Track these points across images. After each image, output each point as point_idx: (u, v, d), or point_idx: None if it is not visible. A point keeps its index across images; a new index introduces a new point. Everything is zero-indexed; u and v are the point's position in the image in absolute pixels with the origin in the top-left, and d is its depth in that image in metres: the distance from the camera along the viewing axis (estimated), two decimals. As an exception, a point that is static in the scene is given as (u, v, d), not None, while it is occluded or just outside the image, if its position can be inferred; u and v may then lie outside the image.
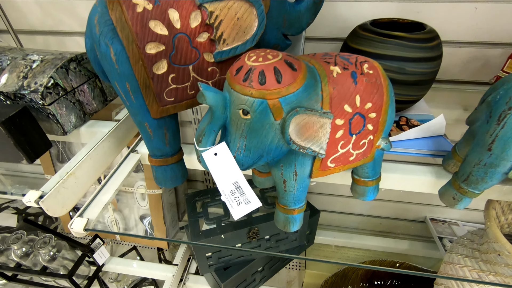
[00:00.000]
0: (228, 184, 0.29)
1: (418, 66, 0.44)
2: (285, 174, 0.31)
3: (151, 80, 0.33)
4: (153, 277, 0.83)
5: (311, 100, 0.27)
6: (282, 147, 0.29)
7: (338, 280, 0.79)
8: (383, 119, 0.31)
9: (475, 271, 0.49)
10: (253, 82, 0.25)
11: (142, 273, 0.83)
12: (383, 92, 0.30)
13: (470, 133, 0.38)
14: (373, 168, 0.36)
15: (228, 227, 0.62)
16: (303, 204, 0.35)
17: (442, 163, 0.45)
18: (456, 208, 0.38)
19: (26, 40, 0.73)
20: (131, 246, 1.04)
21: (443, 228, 0.92)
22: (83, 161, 0.42)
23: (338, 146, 0.30)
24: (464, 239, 0.55)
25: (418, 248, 0.94)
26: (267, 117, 0.26)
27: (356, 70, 0.29)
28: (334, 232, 1.00)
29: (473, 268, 0.49)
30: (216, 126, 0.29)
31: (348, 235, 0.99)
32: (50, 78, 0.43)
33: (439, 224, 0.93)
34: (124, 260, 0.85)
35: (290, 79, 0.25)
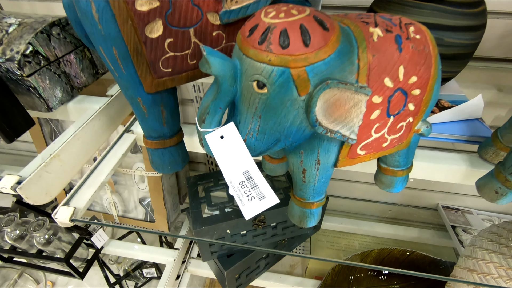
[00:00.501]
0: (237, 174, 0.24)
1: (459, 37, 0.38)
2: (306, 163, 0.26)
3: (144, 45, 0.27)
4: (154, 261, 0.81)
5: (345, 71, 0.21)
6: (305, 130, 0.23)
7: (345, 269, 0.76)
8: (428, 97, 0.25)
9: (502, 268, 0.45)
10: (272, 45, 0.19)
11: (142, 256, 0.80)
12: (431, 63, 0.24)
13: (521, 117, 0.32)
14: (406, 156, 0.30)
15: (232, 214, 0.58)
16: (323, 197, 0.30)
17: (477, 151, 0.39)
18: (497, 203, 0.33)
19: (10, 6, 0.66)
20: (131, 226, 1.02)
21: (456, 217, 0.88)
22: (69, 142, 0.36)
23: (372, 130, 0.25)
24: (489, 233, 0.51)
25: (429, 236, 0.90)
26: (288, 92, 0.20)
27: (401, 34, 0.23)
28: (341, 218, 0.96)
29: (501, 265, 0.45)
30: (223, 102, 0.23)
31: (355, 222, 0.96)
32: (29, 44, 0.37)
33: (452, 212, 0.89)
34: (124, 243, 0.82)
35: (320, 42, 0.20)
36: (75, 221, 0.32)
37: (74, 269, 0.71)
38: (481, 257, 0.48)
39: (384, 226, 0.93)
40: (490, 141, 0.37)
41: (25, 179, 0.31)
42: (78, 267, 0.74)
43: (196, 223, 0.56)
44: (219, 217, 0.58)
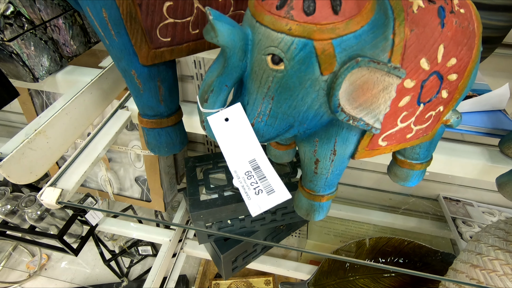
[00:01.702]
0: (243, 163, 0.21)
1: (493, 17, 0.34)
2: (320, 153, 0.23)
3: (139, 8, 0.23)
4: (150, 240, 0.80)
5: (377, 47, 0.18)
6: (323, 116, 0.20)
7: (341, 255, 0.76)
8: (464, 83, 0.22)
9: (508, 266, 0.44)
10: (294, 11, 0.16)
11: (137, 235, 0.79)
12: (474, 44, 0.21)
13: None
14: (427, 149, 0.28)
15: (231, 198, 0.56)
16: (334, 190, 0.27)
17: (499, 145, 0.37)
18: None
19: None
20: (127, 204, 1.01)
21: (456, 208, 0.87)
22: (57, 116, 0.33)
23: (399, 119, 0.22)
24: (496, 229, 0.49)
25: (427, 227, 0.89)
26: (309, 69, 0.17)
27: (445, 6, 0.19)
28: (340, 205, 0.95)
29: (507, 263, 0.44)
30: (230, 79, 0.20)
31: (353, 208, 0.95)
32: (9, 4, 0.32)
33: (453, 204, 0.88)
34: (119, 221, 0.80)
35: (353, 9, 0.16)
36: (62, 203, 0.30)
37: (68, 246, 0.70)
38: (486, 253, 0.47)
39: (382, 214, 0.92)
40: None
41: (5, 156, 0.28)
42: (72, 244, 0.73)
43: (193, 206, 0.54)
44: (217, 201, 0.55)
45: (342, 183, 0.97)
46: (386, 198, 0.97)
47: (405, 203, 0.96)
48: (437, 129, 0.25)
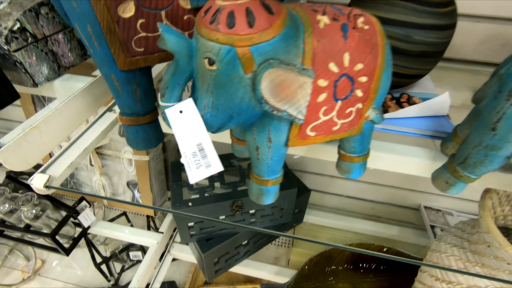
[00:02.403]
0: (191, 146, 0.26)
1: (427, 35, 0.39)
2: (258, 140, 0.28)
3: (116, 25, 0.29)
4: (138, 242, 0.83)
5: (290, 53, 0.23)
6: (255, 108, 0.25)
7: (322, 260, 0.78)
8: (376, 85, 0.27)
9: (461, 261, 0.47)
10: (220, 25, 0.21)
11: (127, 238, 0.83)
12: (378, 53, 0.26)
13: (475, 112, 0.34)
14: (361, 143, 0.32)
15: (211, 198, 0.60)
16: (278, 176, 0.32)
17: (440, 146, 0.41)
18: (448, 193, 0.35)
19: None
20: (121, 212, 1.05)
21: (436, 217, 0.89)
22: (50, 115, 0.39)
23: (320, 112, 0.27)
24: (454, 229, 0.53)
25: (409, 235, 0.92)
26: (235, 69, 0.22)
27: (348, 23, 0.25)
28: (325, 213, 0.98)
29: (460, 258, 0.47)
30: (181, 78, 0.25)
31: (339, 217, 0.98)
32: (16, 21, 0.39)
33: (433, 213, 0.91)
34: (111, 224, 0.84)
35: (265, 24, 0.21)
36: (49, 187, 0.34)
37: (60, 245, 0.74)
38: (444, 251, 0.50)
39: (366, 222, 0.95)
40: (451, 136, 0.39)
41: (3, 145, 0.33)
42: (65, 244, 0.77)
43: (176, 205, 0.59)
44: (198, 200, 0.60)
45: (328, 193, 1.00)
46: (369, 207, 1.00)
47: (388, 212, 0.99)
48: (363, 124, 0.30)
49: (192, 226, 0.63)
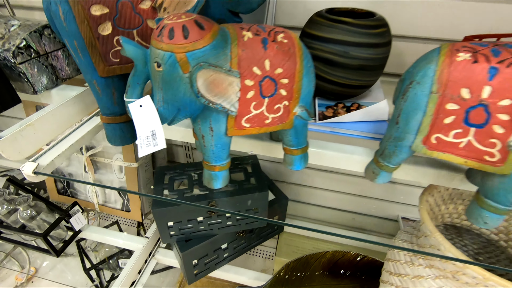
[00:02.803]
0: (146, 132, 0.32)
1: (361, 51, 0.47)
2: (203, 129, 0.34)
3: (97, 40, 0.37)
4: (124, 246, 0.87)
5: (220, 59, 0.30)
6: (196, 102, 0.32)
7: (299, 266, 0.81)
8: (297, 86, 0.34)
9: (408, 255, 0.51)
10: (164, 37, 0.29)
11: (115, 242, 0.87)
12: (296, 61, 0.33)
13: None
14: (296, 137, 0.38)
15: (189, 199, 0.66)
16: (224, 163, 0.38)
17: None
18: (375, 182, 0.40)
19: (23, 15, 0.79)
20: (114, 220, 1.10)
21: (413, 227, 0.92)
22: (45, 116, 0.46)
23: (251, 106, 0.33)
24: (404, 232, 0.57)
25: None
26: (176, 70, 0.29)
27: (267, 37, 0.32)
28: (309, 224, 1.02)
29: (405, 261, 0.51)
30: (140, 79, 0.32)
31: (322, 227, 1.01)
32: (23, 39, 0.47)
33: (410, 223, 0.94)
34: (100, 229, 0.89)
35: (196, 36, 0.29)
36: (37, 173, 0.41)
37: (51, 246, 0.79)
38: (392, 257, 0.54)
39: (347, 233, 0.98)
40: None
41: (2, 137, 0.40)
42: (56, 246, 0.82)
43: (156, 204, 0.64)
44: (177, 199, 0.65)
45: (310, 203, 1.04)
46: (350, 218, 1.03)
47: (368, 223, 1.02)
48: (293, 120, 0.36)
49: (171, 226, 0.68)
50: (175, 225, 0.68)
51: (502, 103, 0.27)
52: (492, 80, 0.27)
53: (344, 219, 1.03)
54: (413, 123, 0.33)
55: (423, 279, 0.46)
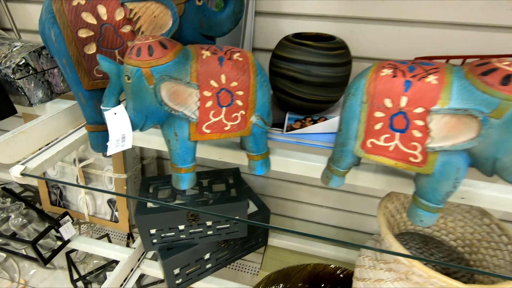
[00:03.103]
0: (118, 135, 0.37)
1: (322, 70, 0.52)
2: (168, 135, 0.39)
3: (83, 58, 0.43)
4: (110, 256, 0.90)
5: (181, 73, 0.35)
6: (161, 110, 0.37)
7: (280, 278, 0.82)
8: (252, 98, 0.39)
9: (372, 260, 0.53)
10: (132, 55, 0.34)
11: (101, 252, 0.90)
12: (250, 76, 0.38)
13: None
14: (255, 143, 0.43)
15: (171, 209, 0.69)
16: (189, 165, 0.42)
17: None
18: (329, 186, 0.44)
19: (29, 38, 0.87)
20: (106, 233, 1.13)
21: (395, 242, 0.94)
22: (36, 124, 0.51)
23: (210, 114, 0.38)
24: (371, 240, 0.59)
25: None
26: (142, 82, 0.35)
27: (224, 56, 0.37)
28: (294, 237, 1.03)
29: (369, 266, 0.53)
30: (114, 90, 0.37)
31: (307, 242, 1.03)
32: (23, 58, 0.54)
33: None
34: (88, 239, 0.92)
35: (160, 54, 0.34)
36: (24, 175, 0.45)
37: (39, 254, 0.82)
38: (362, 253, 0.57)
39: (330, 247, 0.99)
40: (343, 145, 0.49)
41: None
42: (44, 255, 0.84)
43: (139, 211, 0.68)
44: (159, 209, 0.69)
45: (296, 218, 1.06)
46: (334, 233, 1.05)
47: (351, 238, 1.04)
48: (251, 128, 0.41)
49: (153, 234, 0.72)
50: (157, 232, 0.72)
51: (416, 110, 0.32)
52: (407, 92, 0.32)
53: (328, 233, 1.05)
54: (351, 130, 0.37)
55: (383, 282, 0.49)
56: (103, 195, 0.93)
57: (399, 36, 0.64)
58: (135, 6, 0.42)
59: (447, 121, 0.30)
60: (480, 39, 0.59)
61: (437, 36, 0.61)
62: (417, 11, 0.61)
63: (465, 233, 0.53)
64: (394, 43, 0.65)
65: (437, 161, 0.33)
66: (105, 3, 0.41)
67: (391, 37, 0.64)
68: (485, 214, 0.50)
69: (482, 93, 0.28)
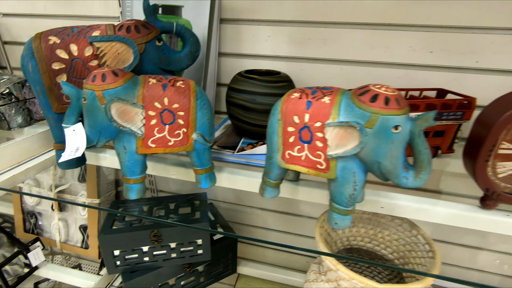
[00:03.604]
0: (73, 148, 0.43)
1: (266, 99, 0.60)
2: (118, 148, 0.45)
3: (54, 86, 0.51)
4: (77, 284, 0.89)
5: (129, 96, 0.43)
6: (111, 126, 0.43)
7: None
8: (192, 117, 0.46)
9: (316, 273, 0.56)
10: (89, 81, 0.42)
11: (68, 279, 0.90)
12: (190, 99, 0.45)
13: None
14: (198, 158, 0.49)
15: (136, 228, 0.73)
16: (138, 177, 0.48)
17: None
18: (264, 197, 0.49)
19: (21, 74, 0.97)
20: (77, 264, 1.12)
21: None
22: (10, 145, 0.57)
23: (155, 131, 0.45)
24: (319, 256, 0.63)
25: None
26: (95, 102, 0.42)
27: (168, 83, 0.45)
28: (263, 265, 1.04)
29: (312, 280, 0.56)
30: (74, 110, 0.44)
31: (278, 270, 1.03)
32: (7, 88, 0.62)
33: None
34: (56, 266, 0.93)
35: (111, 80, 0.42)
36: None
37: (4, 280, 0.82)
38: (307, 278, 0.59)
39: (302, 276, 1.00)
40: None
41: (-31, 158, 0.51)
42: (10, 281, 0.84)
43: (103, 231, 0.71)
44: (124, 229, 0.72)
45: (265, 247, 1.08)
46: (304, 262, 1.05)
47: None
48: (193, 144, 0.47)
49: (117, 255, 0.74)
50: (121, 254, 0.74)
51: (316, 124, 0.39)
52: (308, 110, 0.39)
53: (297, 262, 1.06)
54: (274, 144, 0.44)
55: (322, 293, 0.52)
56: (76, 221, 0.96)
57: (341, 73, 0.74)
58: (102, 44, 0.51)
59: (337, 132, 0.37)
60: (405, 76, 0.69)
61: (370, 73, 0.71)
62: (355, 53, 0.71)
63: (399, 246, 0.57)
64: (336, 79, 0.74)
65: (337, 167, 0.39)
66: (77, 42, 0.51)
67: (333, 74, 0.74)
68: (414, 226, 0.55)
69: (359, 108, 0.36)
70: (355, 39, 0.71)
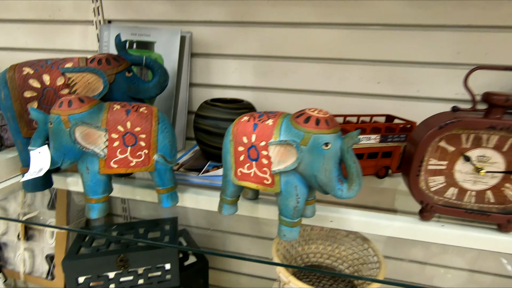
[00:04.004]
0: (37, 168, 0.46)
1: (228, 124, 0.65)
2: (81, 169, 0.48)
3: (25, 113, 0.54)
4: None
5: (93, 120, 0.47)
6: (75, 148, 0.47)
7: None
8: (154, 140, 0.50)
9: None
10: (56, 106, 0.46)
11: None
12: (151, 123, 0.50)
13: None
14: (160, 178, 0.52)
15: (102, 253, 0.72)
16: (100, 197, 0.50)
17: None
18: (222, 213, 0.52)
19: None
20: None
21: None
22: (-23, 169, 0.59)
23: (117, 152, 0.48)
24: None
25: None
26: (61, 126, 0.45)
27: (131, 109, 0.50)
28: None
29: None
30: (41, 134, 0.48)
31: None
32: (-20, 116, 0.64)
33: None
34: (18, 300, 0.88)
35: (76, 106, 0.46)
36: (-48, 211, 0.51)
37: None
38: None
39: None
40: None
41: None
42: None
43: (67, 258, 0.70)
44: (89, 254, 0.72)
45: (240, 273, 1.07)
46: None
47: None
48: (154, 164, 0.51)
49: (81, 283, 0.72)
50: (85, 281, 0.72)
51: (261, 144, 0.44)
52: (255, 131, 0.44)
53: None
54: (227, 163, 0.48)
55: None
56: (43, 251, 0.93)
57: (301, 101, 0.81)
58: (73, 75, 0.55)
59: (278, 150, 0.42)
60: (358, 103, 0.77)
61: (327, 101, 0.78)
62: (313, 83, 0.79)
63: (353, 260, 0.60)
64: (297, 107, 0.81)
65: (281, 182, 0.43)
66: (50, 72, 0.55)
67: (294, 102, 0.81)
68: (365, 240, 0.58)
69: (295, 129, 0.41)
70: (312, 71, 0.79)
